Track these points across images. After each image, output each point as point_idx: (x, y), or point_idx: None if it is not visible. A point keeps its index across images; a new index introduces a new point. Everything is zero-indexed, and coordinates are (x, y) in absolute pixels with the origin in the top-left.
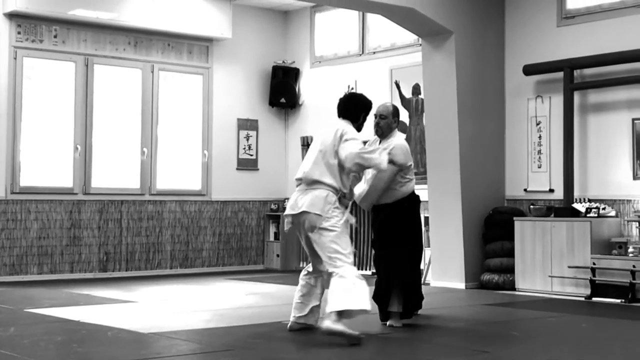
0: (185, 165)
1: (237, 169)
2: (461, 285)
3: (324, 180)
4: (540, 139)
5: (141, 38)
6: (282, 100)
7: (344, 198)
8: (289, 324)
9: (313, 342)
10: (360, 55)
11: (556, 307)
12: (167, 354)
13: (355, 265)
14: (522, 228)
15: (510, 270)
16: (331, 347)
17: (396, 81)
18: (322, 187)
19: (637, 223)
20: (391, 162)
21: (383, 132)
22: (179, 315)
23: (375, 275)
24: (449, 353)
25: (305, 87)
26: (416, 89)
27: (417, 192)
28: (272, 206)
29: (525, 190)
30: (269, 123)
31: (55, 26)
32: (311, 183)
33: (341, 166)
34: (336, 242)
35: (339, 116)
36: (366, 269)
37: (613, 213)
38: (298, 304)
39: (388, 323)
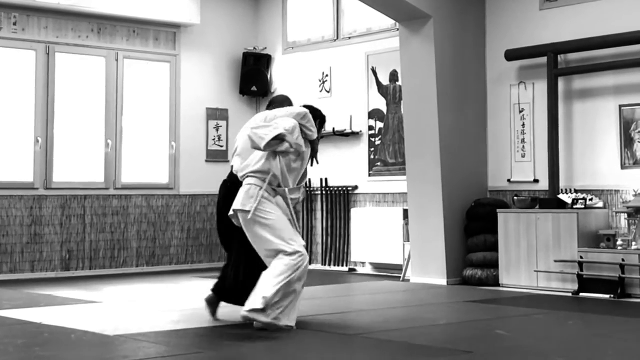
0: (151, 157)
1: (206, 161)
2: (443, 281)
3: None
4: (523, 127)
5: (105, 25)
6: (254, 88)
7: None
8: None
9: (285, 343)
10: (335, 40)
11: (542, 303)
12: (134, 357)
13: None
14: (506, 221)
15: (494, 265)
16: (305, 348)
17: (373, 67)
18: None
19: (626, 215)
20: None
21: None
22: (146, 316)
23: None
24: (430, 354)
25: (278, 74)
26: (394, 76)
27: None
28: None
29: (508, 181)
30: (240, 113)
31: (15, 13)
32: None
33: None
34: None
35: None
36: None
37: (601, 204)
38: None
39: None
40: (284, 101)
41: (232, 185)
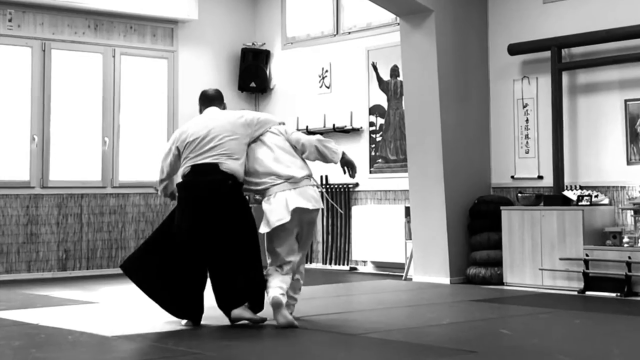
0: (149, 155)
1: None
2: (446, 280)
3: None
4: (527, 123)
5: (101, 21)
6: (252, 84)
7: None
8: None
9: (285, 343)
10: (335, 35)
11: (547, 302)
12: (131, 358)
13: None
14: (510, 218)
15: (498, 263)
16: (305, 348)
17: (373, 63)
18: None
19: (632, 211)
20: None
21: None
22: (144, 317)
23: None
24: (433, 354)
25: (277, 70)
26: (394, 71)
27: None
28: None
29: (512, 177)
30: (239, 109)
31: (10, 9)
32: None
33: None
34: None
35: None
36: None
37: (606, 201)
38: None
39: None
40: (222, 97)
41: (235, 185)
